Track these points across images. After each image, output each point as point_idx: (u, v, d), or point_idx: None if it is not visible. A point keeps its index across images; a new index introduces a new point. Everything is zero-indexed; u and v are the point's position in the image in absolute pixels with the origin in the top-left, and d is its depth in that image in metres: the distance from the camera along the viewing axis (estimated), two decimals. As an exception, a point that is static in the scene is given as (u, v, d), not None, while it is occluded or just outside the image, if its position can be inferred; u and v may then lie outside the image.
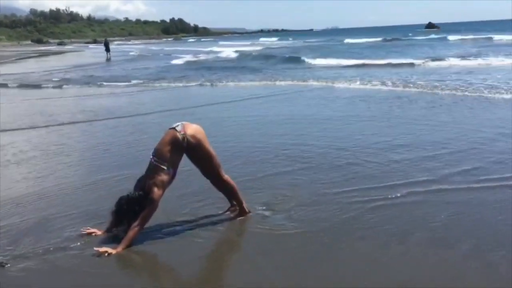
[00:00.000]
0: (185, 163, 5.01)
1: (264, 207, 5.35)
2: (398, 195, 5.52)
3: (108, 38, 53.02)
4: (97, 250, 4.41)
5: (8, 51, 72.13)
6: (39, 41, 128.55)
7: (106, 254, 4.39)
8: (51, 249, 4.54)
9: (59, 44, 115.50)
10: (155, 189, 4.64)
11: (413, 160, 6.77)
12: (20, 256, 4.43)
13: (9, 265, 4.28)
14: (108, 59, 41.03)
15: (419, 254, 4.23)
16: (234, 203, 5.22)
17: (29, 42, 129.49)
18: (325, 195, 5.65)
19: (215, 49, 50.50)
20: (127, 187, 5.01)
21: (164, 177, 4.68)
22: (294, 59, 29.69)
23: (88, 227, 4.87)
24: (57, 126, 10.76)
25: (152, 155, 4.78)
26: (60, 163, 7.53)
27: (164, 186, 4.70)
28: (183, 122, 4.91)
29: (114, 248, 4.46)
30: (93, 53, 56.60)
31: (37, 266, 4.28)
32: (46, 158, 7.84)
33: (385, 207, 5.24)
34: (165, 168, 4.69)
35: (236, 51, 41.44)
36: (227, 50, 43.83)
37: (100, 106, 13.72)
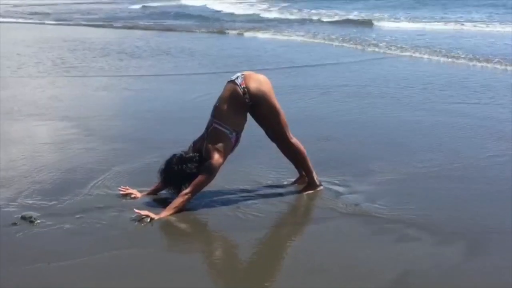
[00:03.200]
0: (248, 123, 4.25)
1: (338, 181, 4.50)
2: None
3: None
4: (138, 213, 3.77)
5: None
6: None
7: (148, 220, 3.76)
8: (86, 208, 3.95)
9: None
10: (216, 155, 3.93)
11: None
12: (53, 213, 3.87)
13: (39, 221, 3.74)
14: None
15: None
16: (303, 173, 4.42)
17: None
18: (429, 178, 4.63)
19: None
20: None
21: (226, 142, 3.97)
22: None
23: (127, 187, 4.23)
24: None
25: (211, 115, 4.06)
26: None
27: (226, 152, 3.99)
28: (244, 73, 4.13)
29: (157, 213, 3.83)
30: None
31: (68, 225, 3.71)
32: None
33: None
34: (226, 131, 3.97)
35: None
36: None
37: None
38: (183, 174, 3.96)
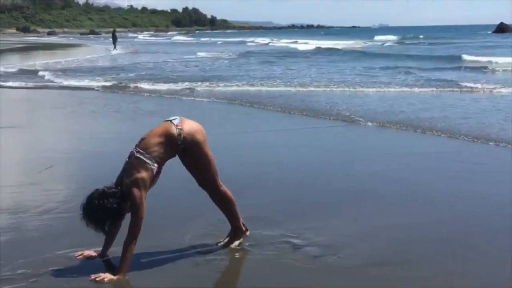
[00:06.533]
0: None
1: (295, 234, 4.50)
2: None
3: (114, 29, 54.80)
4: (94, 278, 3.73)
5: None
6: (25, 30, 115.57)
7: (106, 280, 3.71)
8: (41, 271, 3.84)
9: (49, 34, 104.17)
10: (135, 191, 3.80)
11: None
12: (7, 278, 3.74)
13: (-8, 289, 3.63)
14: (113, 49, 40.24)
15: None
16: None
17: (14, 30, 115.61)
18: (379, 229, 4.69)
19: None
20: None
21: (144, 174, 3.83)
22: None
23: (83, 251, 4.12)
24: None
25: (135, 146, 3.96)
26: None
27: (146, 185, 3.84)
28: (182, 117, 4.14)
29: (113, 273, 3.78)
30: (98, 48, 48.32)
31: (24, 291, 3.60)
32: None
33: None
34: (148, 162, 3.85)
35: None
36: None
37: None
38: (104, 209, 3.81)
